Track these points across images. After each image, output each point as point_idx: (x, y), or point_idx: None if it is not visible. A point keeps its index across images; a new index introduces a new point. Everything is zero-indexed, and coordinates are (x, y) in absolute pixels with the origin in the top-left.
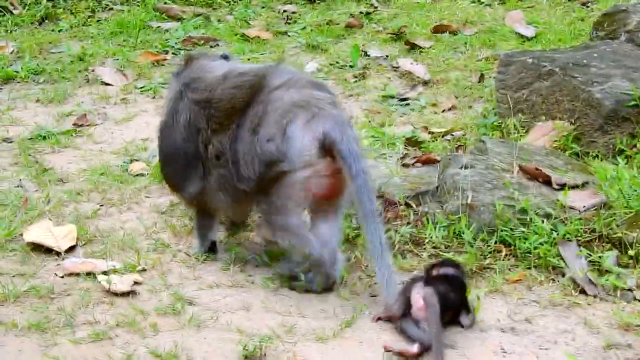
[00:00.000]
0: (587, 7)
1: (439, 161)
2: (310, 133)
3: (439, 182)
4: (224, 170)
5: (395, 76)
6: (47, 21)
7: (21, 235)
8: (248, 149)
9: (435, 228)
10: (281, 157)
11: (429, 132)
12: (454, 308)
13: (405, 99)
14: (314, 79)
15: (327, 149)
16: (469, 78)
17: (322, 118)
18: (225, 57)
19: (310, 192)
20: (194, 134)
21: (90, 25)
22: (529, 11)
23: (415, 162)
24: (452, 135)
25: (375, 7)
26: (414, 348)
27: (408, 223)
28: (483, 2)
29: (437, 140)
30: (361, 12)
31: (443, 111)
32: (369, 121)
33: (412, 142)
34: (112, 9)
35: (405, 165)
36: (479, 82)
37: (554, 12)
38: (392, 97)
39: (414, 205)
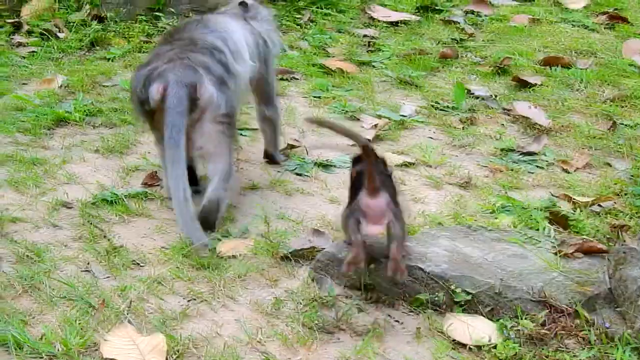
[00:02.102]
0: None
1: (605, 251)
2: (160, 82)
3: (614, 284)
4: None
5: (508, 121)
6: (96, 47)
7: (96, 345)
8: None
9: (624, 352)
10: (145, 98)
11: (572, 202)
12: None
13: (529, 154)
14: (206, 44)
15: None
16: (596, 125)
17: (173, 71)
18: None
19: None
20: None
21: (145, 51)
22: None
23: (575, 252)
24: (600, 206)
25: (471, 34)
26: None
27: (587, 342)
28: (588, 27)
29: (582, 211)
30: (453, 39)
31: (576, 170)
32: (504, 187)
33: (556, 217)
34: None
35: (564, 256)
36: (610, 130)
37: None
38: (512, 150)
39: (587, 315)
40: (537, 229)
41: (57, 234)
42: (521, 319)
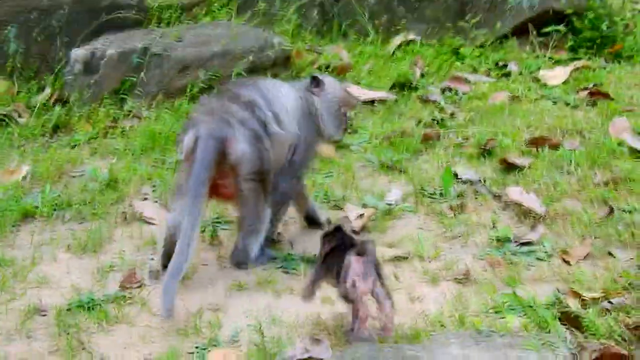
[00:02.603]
0: None
1: (627, 357)
2: (193, 132)
3: None
4: None
5: (500, 208)
6: (60, 132)
7: None
8: None
9: None
10: (179, 150)
11: (580, 299)
12: None
13: (526, 244)
14: (248, 99)
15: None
16: (592, 210)
17: (207, 124)
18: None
19: None
20: None
21: (113, 137)
22: (629, 116)
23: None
24: (611, 302)
25: (451, 113)
26: None
27: None
28: (569, 104)
29: (592, 309)
30: (434, 119)
31: (577, 262)
32: (507, 284)
33: (568, 318)
34: (137, 116)
35: None
36: (607, 216)
37: None
38: (508, 239)
39: None
40: (549, 331)
41: (32, 346)
42: None
